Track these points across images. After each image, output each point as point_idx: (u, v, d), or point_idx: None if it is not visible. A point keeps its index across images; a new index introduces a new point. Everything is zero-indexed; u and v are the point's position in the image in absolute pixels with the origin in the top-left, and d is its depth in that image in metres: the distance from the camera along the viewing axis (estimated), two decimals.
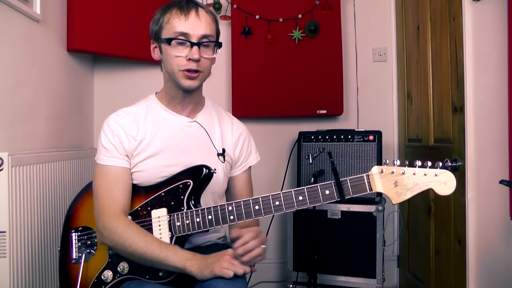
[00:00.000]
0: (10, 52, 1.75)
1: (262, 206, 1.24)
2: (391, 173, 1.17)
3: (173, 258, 1.22)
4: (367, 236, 2.15)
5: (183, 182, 1.32)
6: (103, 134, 1.35)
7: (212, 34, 1.32)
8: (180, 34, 1.29)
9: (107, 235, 1.28)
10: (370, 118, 2.69)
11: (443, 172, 1.14)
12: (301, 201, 1.22)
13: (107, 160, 1.33)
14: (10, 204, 1.59)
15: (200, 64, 1.30)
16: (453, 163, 1.73)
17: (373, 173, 1.18)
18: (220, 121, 1.48)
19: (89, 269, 1.34)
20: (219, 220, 1.27)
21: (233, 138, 1.48)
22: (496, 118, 1.56)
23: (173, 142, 1.37)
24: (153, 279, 1.27)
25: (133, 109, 1.41)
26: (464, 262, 1.68)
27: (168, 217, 1.29)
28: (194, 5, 1.32)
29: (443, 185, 1.14)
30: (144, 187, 1.36)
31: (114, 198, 1.30)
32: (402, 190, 1.16)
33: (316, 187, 1.21)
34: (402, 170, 1.16)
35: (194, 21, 1.29)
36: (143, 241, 1.24)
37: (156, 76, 1.40)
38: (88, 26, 2.27)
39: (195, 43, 1.28)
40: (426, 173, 1.15)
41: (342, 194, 1.19)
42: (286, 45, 2.60)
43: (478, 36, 1.63)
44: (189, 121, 1.41)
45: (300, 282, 2.19)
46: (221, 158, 1.42)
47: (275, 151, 2.69)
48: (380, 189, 1.17)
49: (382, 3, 2.74)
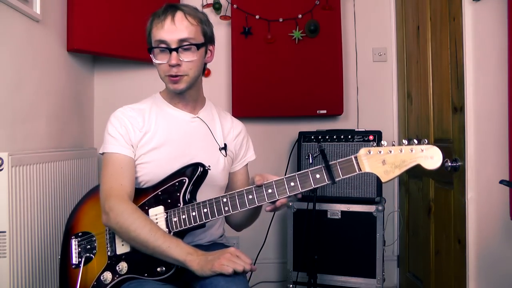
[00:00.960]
0: (10, 52, 1.75)
1: (255, 194, 1.26)
2: (378, 153, 1.18)
3: (175, 250, 1.22)
4: (367, 236, 2.15)
5: (179, 180, 1.34)
6: (111, 125, 1.39)
7: (192, 37, 1.34)
8: (159, 42, 1.34)
9: (113, 216, 1.28)
10: (370, 118, 2.69)
11: (429, 147, 1.15)
12: (293, 187, 1.23)
13: (115, 147, 1.37)
14: (10, 204, 1.60)
15: (181, 69, 1.34)
16: (453, 163, 1.73)
17: (361, 154, 1.20)
18: (221, 118, 1.54)
19: (88, 273, 1.35)
20: (214, 212, 1.28)
21: (233, 134, 1.54)
22: (496, 118, 1.56)
23: (177, 135, 1.42)
24: (151, 276, 1.28)
25: (139, 105, 1.46)
26: (464, 262, 1.68)
27: (165, 214, 1.31)
28: (172, 10, 1.35)
29: (429, 160, 1.14)
30: (142, 188, 1.38)
31: (122, 183, 1.33)
32: (390, 168, 1.17)
33: (307, 172, 1.23)
34: (389, 149, 1.18)
35: (169, 27, 1.33)
36: (148, 228, 1.25)
37: (156, 76, 1.41)
38: (88, 26, 2.27)
39: (172, 49, 1.33)
40: (412, 150, 1.16)
41: (332, 176, 1.21)
42: (286, 45, 2.60)
43: (478, 36, 1.63)
44: (192, 116, 1.46)
45: (300, 282, 2.19)
46: (223, 152, 1.48)
47: (275, 151, 2.69)
48: (368, 169, 1.19)
49: (382, 3, 2.74)
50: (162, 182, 1.36)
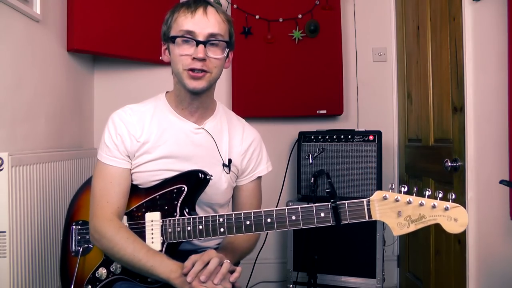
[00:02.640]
0: (10, 52, 1.75)
1: (253, 222, 1.19)
2: (395, 201, 1.07)
3: (158, 269, 1.19)
4: (367, 236, 2.15)
5: (178, 187, 1.29)
6: (107, 131, 1.33)
7: (221, 34, 1.26)
8: (185, 32, 1.24)
9: (98, 238, 1.27)
10: (370, 118, 2.69)
11: (455, 206, 1.03)
12: (294, 221, 1.16)
13: (107, 159, 1.31)
14: (10, 204, 1.60)
15: (207, 64, 1.24)
16: (453, 163, 1.73)
17: (374, 200, 1.08)
18: (230, 128, 1.41)
19: (86, 264, 1.35)
20: (209, 231, 1.22)
21: (243, 147, 1.42)
22: (496, 118, 1.56)
23: (177, 148, 1.33)
24: (143, 282, 1.27)
25: (141, 107, 1.37)
26: (464, 262, 1.68)
27: (161, 222, 1.27)
28: (204, 3, 1.27)
29: (453, 222, 1.03)
30: (141, 188, 1.35)
31: (108, 200, 1.28)
32: (405, 222, 1.06)
33: (311, 208, 1.15)
34: (408, 199, 1.05)
35: (200, 18, 1.24)
36: (131, 248, 1.22)
37: (156, 76, 1.39)
38: (88, 26, 2.27)
39: (201, 42, 1.23)
40: (435, 205, 1.04)
41: (338, 219, 1.12)
42: (286, 45, 2.60)
43: (478, 36, 1.63)
44: (196, 127, 1.35)
45: (300, 282, 2.19)
46: (226, 169, 1.37)
47: (275, 151, 2.69)
48: (380, 218, 1.08)
49: (382, 3, 2.74)
50: (162, 184, 1.32)
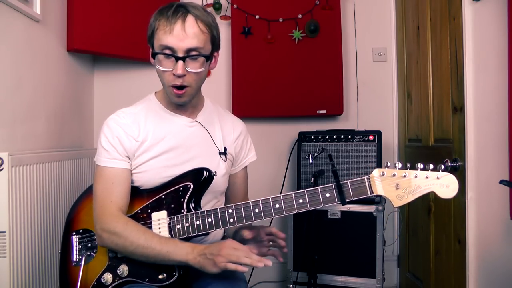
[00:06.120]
0: (10, 52, 1.75)
1: (262, 209, 1.24)
2: (392, 176, 1.16)
3: (174, 253, 1.21)
4: (367, 236, 2.15)
5: (184, 185, 1.31)
6: (103, 135, 1.34)
7: (201, 46, 1.25)
8: (165, 48, 1.24)
9: (106, 236, 1.27)
10: (370, 118, 2.69)
11: (445, 175, 1.13)
12: (302, 204, 1.22)
13: (106, 161, 1.32)
14: (10, 204, 1.60)
15: (186, 79, 1.26)
16: (453, 163, 1.73)
17: (374, 176, 1.17)
18: (221, 119, 1.47)
19: (89, 272, 1.34)
20: (219, 223, 1.26)
21: (234, 135, 1.48)
22: (496, 118, 1.56)
23: (175, 142, 1.36)
24: (152, 282, 1.26)
25: (133, 109, 1.39)
26: (464, 262, 1.68)
27: (168, 220, 1.29)
28: (183, 13, 1.24)
29: (445, 188, 1.13)
30: (144, 189, 1.35)
31: (111, 200, 1.29)
32: (403, 193, 1.15)
33: (317, 189, 1.21)
34: (404, 173, 1.15)
35: (179, 33, 1.22)
36: (143, 239, 1.23)
37: (156, 76, 1.38)
38: (88, 26, 2.27)
39: (179, 58, 1.23)
40: (427, 176, 1.14)
41: (342, 197, 1.19)
42: (286, 45, 2.60)
43: (478, 36, 1.63)
44: (190, 121, 1.40)
45: (300, 282, 2.19)
46: (223, 157, 1.42)
47: (275, 151, 2.69)
48: (381, 192, 1.17)
49: (382, 3, 2.74)
50: (167, 184, 1.33)
